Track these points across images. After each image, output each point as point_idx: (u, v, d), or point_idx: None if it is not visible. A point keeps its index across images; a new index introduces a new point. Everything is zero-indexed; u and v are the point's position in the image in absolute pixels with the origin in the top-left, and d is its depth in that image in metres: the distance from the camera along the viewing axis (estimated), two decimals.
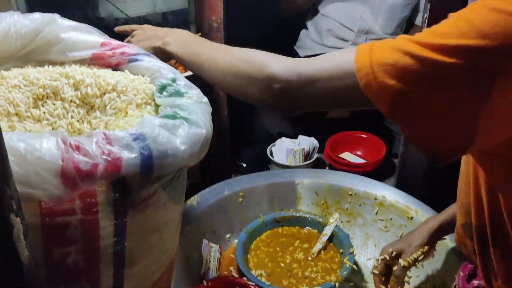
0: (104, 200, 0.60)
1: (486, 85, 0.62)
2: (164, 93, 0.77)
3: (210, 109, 0.76)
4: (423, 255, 1.08)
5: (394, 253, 1.11)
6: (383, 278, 1.12)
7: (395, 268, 1.11)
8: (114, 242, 0.63)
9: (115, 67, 0.85)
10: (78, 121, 0.77)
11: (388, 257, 1.11)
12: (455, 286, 1.03)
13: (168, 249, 0.78)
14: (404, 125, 0.68)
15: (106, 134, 0.58)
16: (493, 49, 0.60)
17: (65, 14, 0.87)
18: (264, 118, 1.80)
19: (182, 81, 0.79)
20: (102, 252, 0.63)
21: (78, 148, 0.55)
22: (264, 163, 1.58)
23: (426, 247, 1.08)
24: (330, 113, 1.97)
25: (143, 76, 0.82)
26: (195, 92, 0.77)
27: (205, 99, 0.77)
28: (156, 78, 0.80)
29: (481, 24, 0.61)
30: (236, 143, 1.59)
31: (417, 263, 1.09)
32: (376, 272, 1.12)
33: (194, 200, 1.28)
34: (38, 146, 0.53)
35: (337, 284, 1.15)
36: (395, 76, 0.64)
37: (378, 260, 1.13)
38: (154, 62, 0.83)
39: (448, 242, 1.16)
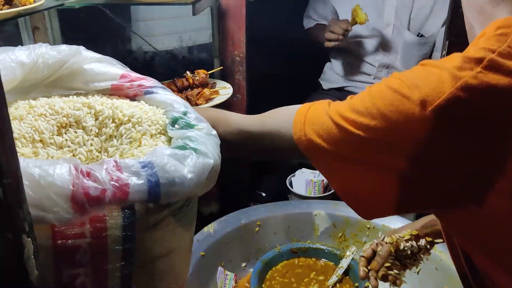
0: (113, 225, 0.62)
1: (388, 158, 0.69)
2: (176, 125, 0.80)
3: (218, 141, 0.79)
4: (411, 241, 1.06)
5: (383, 236, 1.08)
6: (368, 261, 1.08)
7: (379, 248, 1.07)
8: (122, 266, 0.66)
9: (133, 98, 0.89)
10: (96, 149, 0.81)
11: (376, 241, 1.09)
12: None
13: (178, 275, 0.79)
14: (331, 179, 0.78)
15: (117, 162, 0.61)
16: (388, 128, 0.67)
17: (98, 46, 0.93)
18: None
19: (193, 115, 0.82)
20: (110, 275, 0.65)
21: (88, 175, 0.58)
22: (283, 193, 1.59)
23: (415, 231, 1.07)
24: None
25: (157, 108, 0.85)
26: (205, 124, 0.80)
27: (214, 132, 0.80)
28: (169, 111, 0.83)
29: (380, 103, 0.68)
30: (257, 172, 1.61)
31: (406, 252, 1.07)
32: (363, 255, 1.09)
33: (211, 227, 1.30)
34: (51, 172, 0.56)
35: None
36: (320, 136, 0.74)
37: (366, 244, 1.11)
38: (168, 96, 0.86)
39: None
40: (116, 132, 0.80)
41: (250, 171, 1.51)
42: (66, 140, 0.80)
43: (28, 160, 0.57)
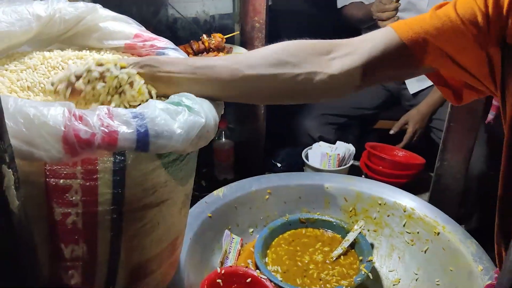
0: (104, 169, 0.66)
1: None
2: None
3: (221, 105, 0.81)
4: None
5: None
6: None
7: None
8: (112, 210, 0.69)
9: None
10: (103, 102, 0.84)
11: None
12: None
13: (170, 227, 0.83)
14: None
15: (110, 110, 0.64)
16: None
17: (122, 8, 0.96)
18: (307, 121, 1.82)
19: None
20: (99, 217, 0.69)
21: (81, 118, 0.61)
22: (298, 165, 1.60)
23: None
24: (377, 124, 1.95)
25: None
26: None
27: None
28: None
29: None
30: (273, 142, 1.63)
31: None
32: None
33: (220, 191, 1.33)
34: (45, 113, 0.60)
35: None
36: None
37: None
38: (178, 56, 0.89)
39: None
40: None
41: (267, 142, 1.52)
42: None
43: (25, 100, 0.60)
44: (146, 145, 0.65)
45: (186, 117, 0.68)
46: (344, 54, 0.83)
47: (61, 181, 0.64)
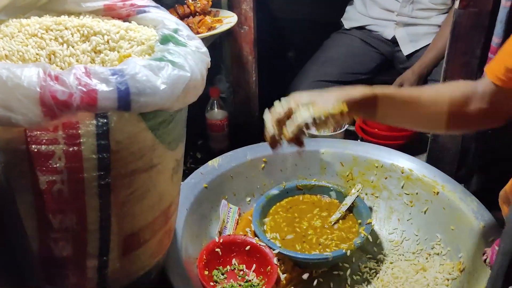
0: (86, 133, 0.63)
1: None
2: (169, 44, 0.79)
3: (207, 58, 0.77)
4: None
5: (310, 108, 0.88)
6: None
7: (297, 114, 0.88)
8: (99, 176, 0.67)
9: (126, 19, 0.88)
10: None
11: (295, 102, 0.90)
12: (485, 260, 0.96)
13: (162, 194, 0.80)
14: None
15: (87, 68, 0.61)
16: None
17: None
18: (300, 87, 1.78)
19: (184, 32, 0.81)
20: (86, 184, 0.66)
21: (57, 78, 0.58)
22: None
23: (345, 108, 0.88)
24: None
25: (148, 26, 0.84)
26: (196, 42, 0.79)
27: (204, 49, 0.79)
28: (159, 29, 0.82)
29: None
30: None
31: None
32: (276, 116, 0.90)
33: (215, 161, 1.30)
34: (19, 74, 0.57)
35: (348, 252, 1.13)
36: None
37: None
38: (160, 14, 0.85)
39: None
40: (104, 51, 0.80)
41: (260, 110, 1.49)
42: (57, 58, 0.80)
43: None
44: (128, 103, 0.62)
45: (169, 71, 0.64)
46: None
47: (43, 147, 0.62)
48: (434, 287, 1.11)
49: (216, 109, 1.48)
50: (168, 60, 0.67)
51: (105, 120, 0.63)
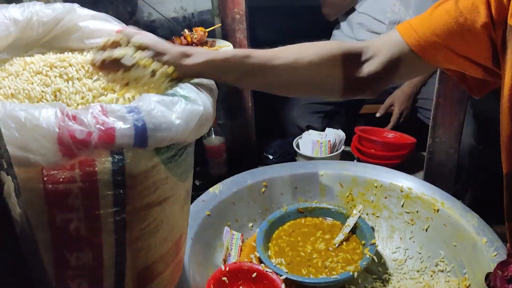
0: (102, 169, 0.63)
1: None
2: None
3: (215, 90, 0.79)
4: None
5: None
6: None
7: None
8: (114, 212, 0.67)
9: None
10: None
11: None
12: (488, 285, 0.97)
13: (174, 226, 0.80)
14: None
15: (103, 107, 0.61)
16: None
17: (97, 10, 0.93)
18: (293, 111, 1.81)
19: None
20: (102, 220, 0.66)
21: (74, 118, 0.59)
22: (290, 155, 1.58)
23: None
24: (362, 108, 1.95)
25: None
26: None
27: (212, 82, 0.80)
28: None
29: None
30: (264, 135, 1.61)
31: None
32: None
33: (216, 188, 1.30)
34: (37, 115, 0.57)
35: (355, 274, 1.13)
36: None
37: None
38: None
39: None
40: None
41: (256, 134, 1.51)
42: (62, 95, 0.81)
43: (14, 104, 0.58)
44: (145, 139, 0.62)
45: (183, 106, 0.65)
46: (370, 58, 0.90)
47: (60, 185, 0.62)
48: None
49: (213, 135, 1.48)
50: (181, 95, 0.68)
51: (121, 157, 0.64)
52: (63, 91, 0.80)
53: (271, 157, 1.56)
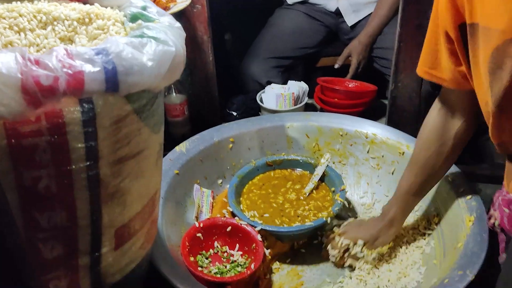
0: (72, 120, 0.58)
1: None
2: (137, 22, 0.74)
3: (183, 33, 0.74)
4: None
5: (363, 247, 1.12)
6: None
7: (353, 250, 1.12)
8: (87, 166, 0.62)
9: (85, 1, 0.82)
10: None
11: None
12: (493, 224, 0.99)
13: (149, 181, 0.77)
14: None
15: (68, 50, 0.56)
16: None
17: None
18: (252, 67, 1.77)
19: (153, 9, 0.77)
20: (74, 176, 0.62)
21: (37, 63, 0.53)
22: (254, 110, 1.56)
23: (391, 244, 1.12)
24: (320, 62, 1.94)
25: (112, 8, 0.79)
26: (167, 18, 0.75)
27: (178, 24, 0.75)
28: (126, 8, 0.77)
29: None
30: (225, 92, 1.57)
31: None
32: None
33: (183, 146, 1.27)
34: None
35: (328, 219, 1.15)
36: None
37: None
38: None
39: None
40: (73, 34, 0.74)
41: (219, 92, 1.46)
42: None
43: None
44: (116, 84, 0.58)
45: (154, 47, 0.61)
46: None
47: (26, 140, 0.56)
48: (412, 243, 1.16)
49: (174, 94, 1.43)
50: (150, 36, 0.63)
51: (91, 105, 0.59)
52: (15, 43, 0.73)
53: (234, 113, 1.53)
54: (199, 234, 1.10)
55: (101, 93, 0.58)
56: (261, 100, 1.53)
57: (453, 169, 1.15)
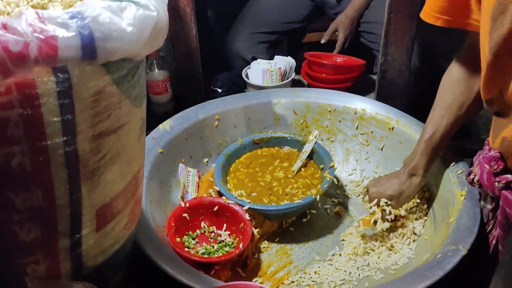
0: (46, 91, 0.54)
1: None
2: None
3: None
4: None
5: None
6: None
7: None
8: (64, 142, 0.58)
9: None
10: None
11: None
12: (473, 180, 0.97)
13: (131, 158, 0.72)
14: None
15: (39, 13, 0.51)
16: None
17: None
18: (237, 42, 1.72)
19: None
20: (50, 153, 0.57)
21: (5, 27, 0.48)
22: (239, 87, 1.51)
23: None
24: (306, 37, 1.90)
25: None
26: None
27: None
28: None
29: None
30: (209, 69, 1.52)
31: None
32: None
33: (166, 124, 1.22)
34: None
35: (317, 197, 1.12)
36: None
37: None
38: None
39: None
40: (42, 1, 0.69)
41: (203, 68, 1.41)
42: None
43: None
44: (93, 50, 0.53)
45: (134, 12, 0.56)
46: None
47: None
48: (404, 220, 1.14)
49: (156, 70, 1.38)
50: (129, 0, 0.58)
51: (66, 75, 0.54)
52: None
53: (219, 90, 1.48)
54: (185, 214, 1.07)
55: (77, 61, 0.53)
56: (247, 76, 1.48)
57: None
